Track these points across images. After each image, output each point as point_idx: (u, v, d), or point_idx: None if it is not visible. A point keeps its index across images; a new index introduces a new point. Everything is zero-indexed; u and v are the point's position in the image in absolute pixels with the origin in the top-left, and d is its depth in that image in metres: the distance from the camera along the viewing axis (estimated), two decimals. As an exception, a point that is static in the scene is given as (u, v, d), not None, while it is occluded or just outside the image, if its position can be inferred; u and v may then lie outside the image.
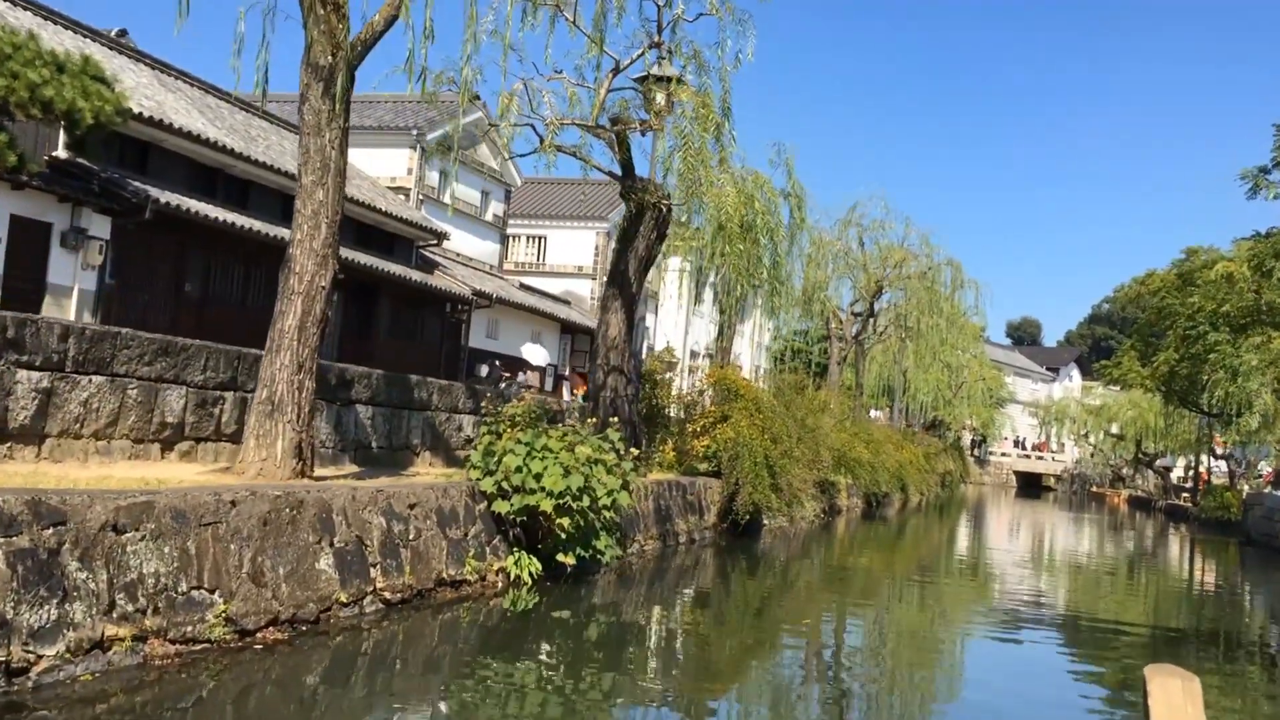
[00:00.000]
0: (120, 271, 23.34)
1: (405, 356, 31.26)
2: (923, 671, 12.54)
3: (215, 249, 25.79)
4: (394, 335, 32.24)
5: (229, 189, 26.96)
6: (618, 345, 17.44)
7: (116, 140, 23.75)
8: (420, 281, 31.61)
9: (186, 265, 25.16)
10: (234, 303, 26.59)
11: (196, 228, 24.21)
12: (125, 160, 24.09)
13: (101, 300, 22.90)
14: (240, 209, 26.49)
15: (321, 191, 11.54)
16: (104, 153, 23.29)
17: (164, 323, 23.42)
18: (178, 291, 24.96)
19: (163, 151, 24.68)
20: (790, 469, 21.17)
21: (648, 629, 13.11)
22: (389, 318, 32.09)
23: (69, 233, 22.16)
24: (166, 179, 24.73)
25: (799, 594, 17.75)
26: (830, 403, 29.87)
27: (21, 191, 21.71)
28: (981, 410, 60.29)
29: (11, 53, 21.06)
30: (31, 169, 21.64)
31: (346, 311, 31.02)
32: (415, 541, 11.40)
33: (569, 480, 12.80)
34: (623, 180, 16.74)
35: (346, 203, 29.82)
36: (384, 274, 29.82)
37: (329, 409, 14.35)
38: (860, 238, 38.00)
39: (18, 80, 20.64)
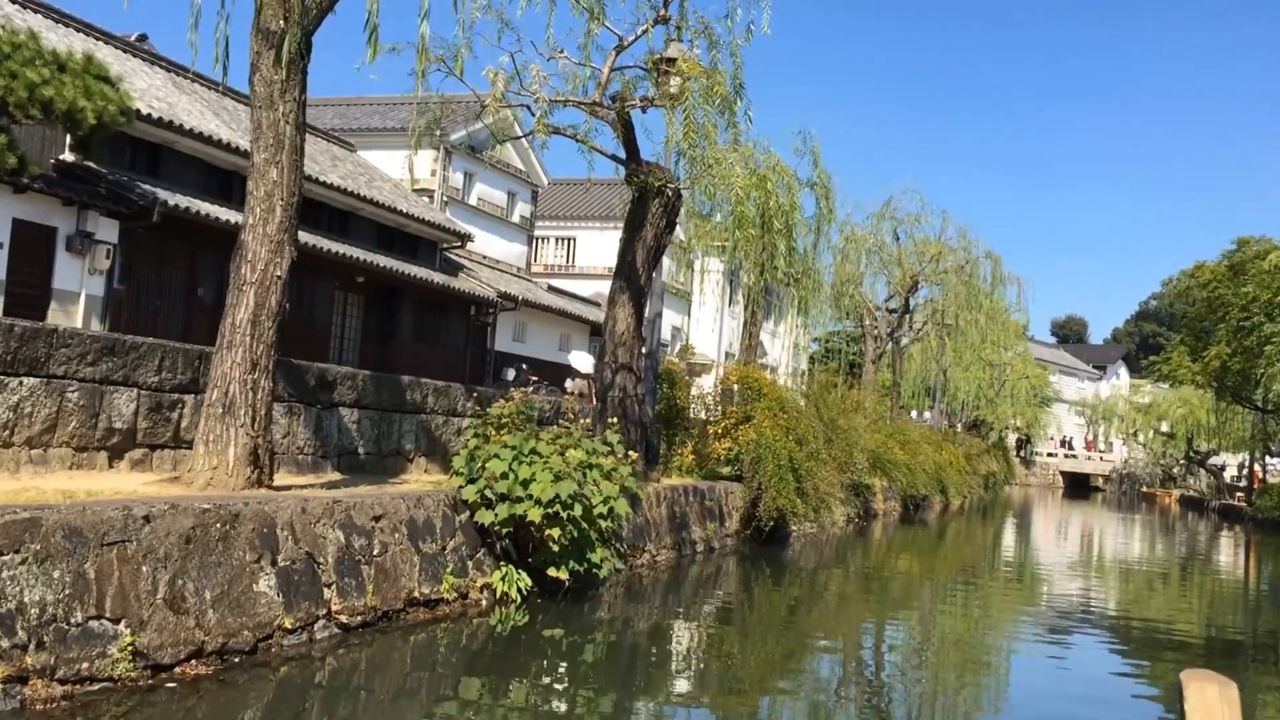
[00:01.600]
0: (130, 276, 22.35)
1: (429, 361, 30.07)
2: (967, 681, 11.45)
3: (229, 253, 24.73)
4: (417, 339, 31.09)
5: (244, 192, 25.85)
6: (626, 341, 16.05)
7: (127, 143, 22.81)
8: (442, 284, 30.45)
9: (200, 270, 24.14)
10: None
11: (210, 231, 23.19)
12: (136, 163, 23.14)
13: (110, 306, 21.91)
14: (256, 212, 25.44)
15: (275, 171, 10.29)
16: (114, 156, 22.34)
17: (176, 329, 22.41)
18: (190, 296, 23.94)
19: (175, 154, 23.69)
20: (817, 472, 19.66)
21: (653, 647, 11.73)
22: (412, 322, 30.95)
23: (75, 237, 21.18)
24: (180, 182, 23.74)
25: (828, 604, 16.29)
26: (864, 402, 28.29)
27: (24, 195, 20.76)
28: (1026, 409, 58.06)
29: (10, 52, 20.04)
30: (33, 171, 20.67)
31: (367, 315, 29.94)
32: (380, 557, 10.09)
33: (559, 487, 11.44)
34: (627, 164, 15.36)
35: (369, 205, 29.13)
36: (405, 277, 28.69)
37: (307, 412, 13.10)
38: (895, 231, 36.33)
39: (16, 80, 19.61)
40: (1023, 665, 12.71)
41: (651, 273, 16.37)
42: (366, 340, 29.77)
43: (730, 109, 14.93)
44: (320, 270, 26.94)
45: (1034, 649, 13.84)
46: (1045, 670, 12.47)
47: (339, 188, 27.86)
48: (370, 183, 30.64)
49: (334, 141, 32.60)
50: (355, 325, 29.83)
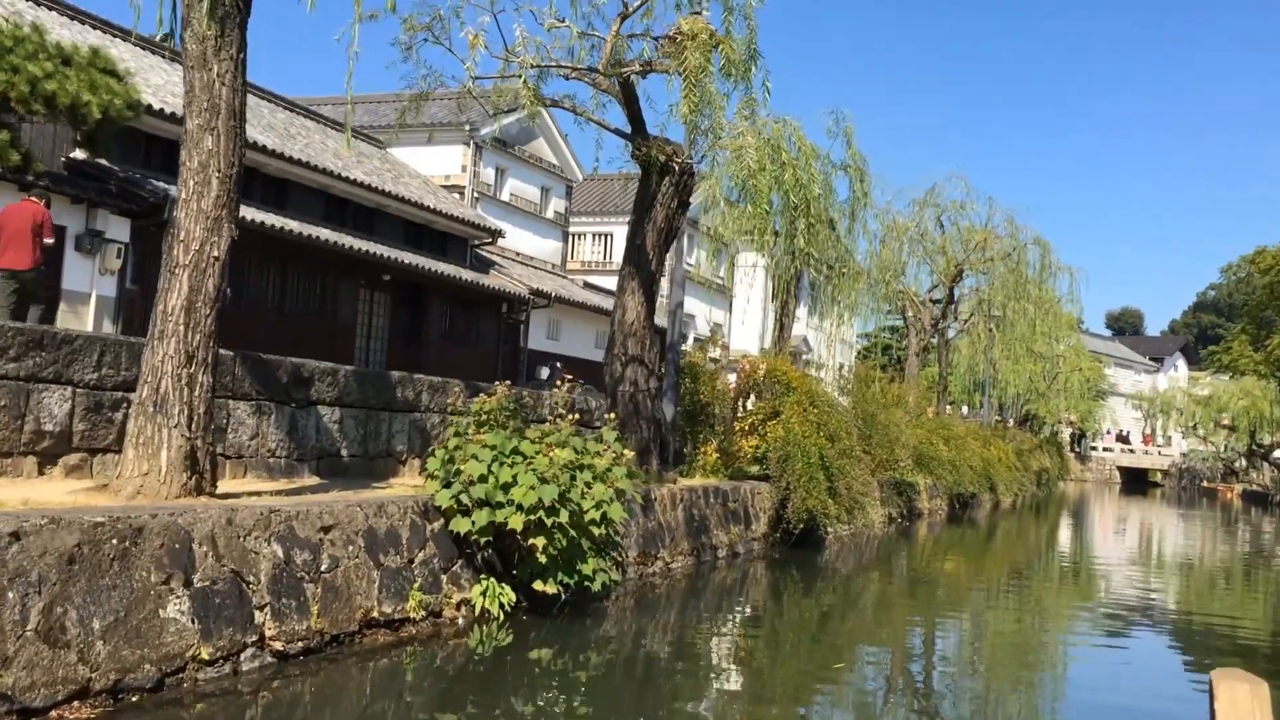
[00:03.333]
0: (143, 276, 21.28)
1: (459, 360, 28.83)
2: (1021, 688, 10.59)
3: (248, 251, 23.69)
4: (447, 338, 29.88)
5: (265, 189, 24.88)
6: (636, 332, 14.56)
7: (141, 139, 21.82)
8: (472, 281, 29.18)
9: (216, 268, 23.06)
10: (270, 307, 24.48)
11: (225, 229, 22.07)
12: (151, 160, 22.13)
13: (123, 307, 20.88)
14: (277, 209, 24.39)
15: (210, 138, 8.95)
16: (128, 153, 21.34)
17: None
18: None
19: (191, 151, 22.63)
20: (850, 470, 18.02)
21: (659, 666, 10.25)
22: (441, 320, 29.74)
23: (84, 236, 20.16)
24: (195, 179, 22.63)
25: (865, 611, 14.73)
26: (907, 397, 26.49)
27: (29, 193, 19.79)
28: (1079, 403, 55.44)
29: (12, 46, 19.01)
30: (39, 168, 19.68)
31: (395, 314, 28.79)
32: (329, 574, 8.70)
33: (541, 491, 10.00)
34: (632, 138, 13.86)
35: (394, 201, 27.90)
36: (432, 274, 27.47)
37: (279, 411, 11.79)
38: (939, 219, 34.34)
39: (18, 74, 18.54)
40: (1080, 669, 11.69)
41: (663, 256, 14.88)
42: (394, 339, 28.61)
43: (745, 77, 13.40)
44: (344, 268, 25.82)
45: (1092, 652, 12.70)
46: (1104, 674, 11.41)
47: (363, 184, 26.72)
48: (397, 179, 29.48)
49: (362, 138, 31.51)
50: (382, 324, 28.68)
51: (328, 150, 27.87)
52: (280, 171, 24.79)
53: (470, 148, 32.44)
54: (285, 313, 24.89)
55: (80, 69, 19.47)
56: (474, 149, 32.50)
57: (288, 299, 25.03)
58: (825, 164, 21.33)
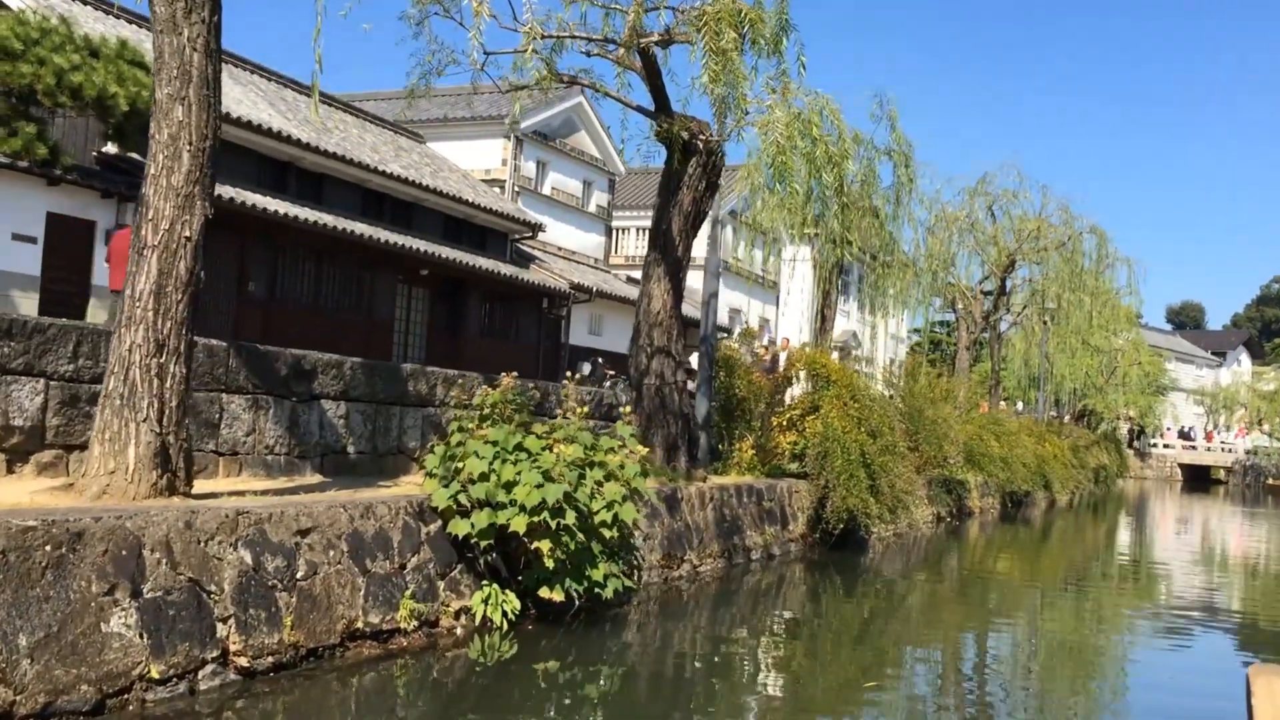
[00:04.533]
0: (103, 257, 20.82)
1: (498, 355, 28.01)
2: (1079, 694, 9.89)
3: (282, 246, 23.12)
4: (486, 334, 29.15)
5: (302, 183, 24.30)
6: (662, 321, 13.60)
7: (174, 134, 21.26)
8: (510, 275, 28.43)
9: (249, 263, 22.51)
10: (304, 303, 23.88)
11: (259, 223, 21.54)
12: (184, 155, 21.51)
13: (154, 303, 20.28)
14: (314, 203, 23.79)
15: (181, 109, 8.16)
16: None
17: (225, 326, 20.77)
18: (240, 292, 22.31)
19: (225, 144, 21.80)
20: (893, 467, 16.91)
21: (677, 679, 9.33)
22: (480, 315, 29.02)
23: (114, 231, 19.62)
24: (230, 173, 22.08)
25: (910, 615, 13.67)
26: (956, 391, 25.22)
27: (58, 187, 19.33)
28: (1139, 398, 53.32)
29: (39, 38, 18.50)
30: (66, 162, 19.21)
31: (433, 309, 28.11)
32: (306, 581, 7.87)
33: (546, 490, 9.10)
34: (655, 115, 12.90)
35: (433, 195, 27.16)
36: (470, 268, 26.74)
37: (278, 406, 11.01)
38: (990, 208, 32.88)
39: (44, 66, 18.03)
40: (1141, 671, 11.10)
41: (690, 242, 13.91)
42: (433, 335, 27.94)
43: (776, 49, 12.39)
44: (381, 263, 25.18)
45: (1153, 656, 11.94)
46: (1166, 679, 10.64)
47: (400, 177, 26.06)
48: (436, 173, 28.79)
49: (401, 133, 30.91)
50: (420, 319, 28.03)
51: (365, 144, 27.27)
52: (316, 165, 24.21)
53: (511, 141, 31.68)
54: (320, 308, 24.28)
55: (108, 61, 18.93)
56: (515, 142, 31.73)
57: (323, 294, 24.43)
58: (869, 149, 20.28)
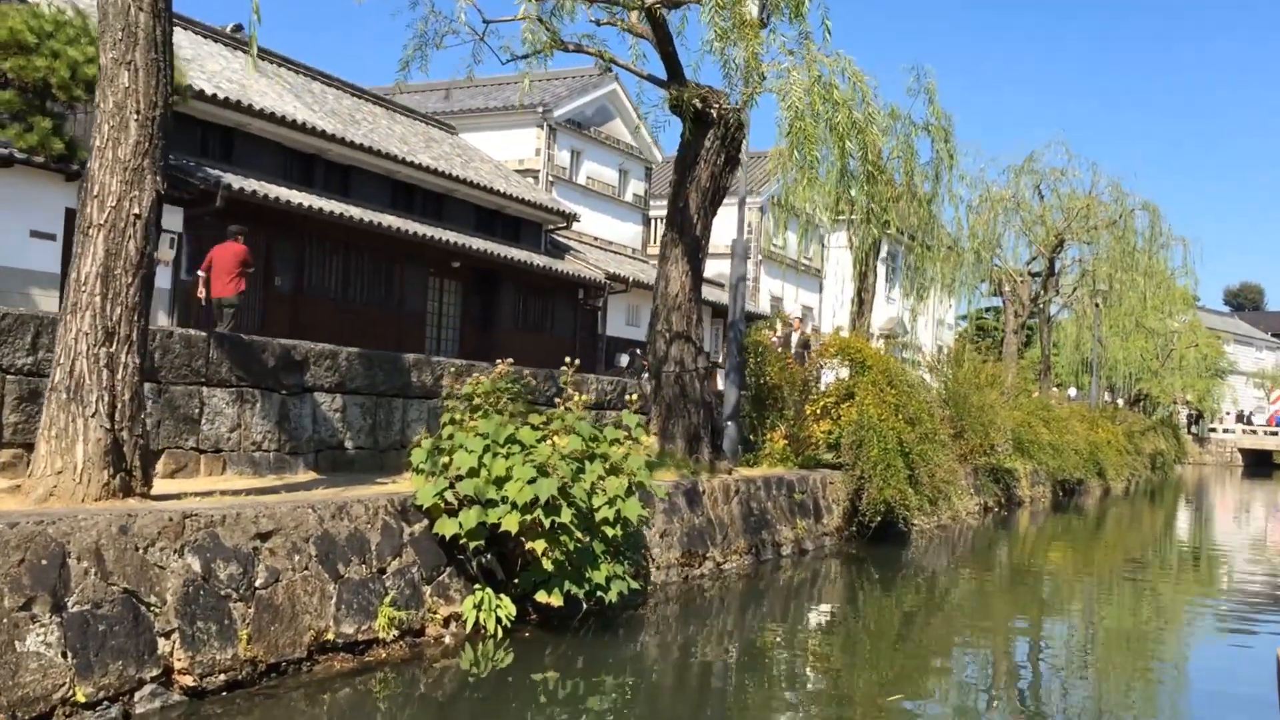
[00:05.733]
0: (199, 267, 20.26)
1: (533, 347, 27.22)
2: (1136, 689, 9.32)
3: (308, 239, 22.47)
4: (521, 326, 28.34)
5: (328, 175, 23.69)
6: (681, 305, 12.66)
7: (197, 126, 20.72)
8: (545, 266, 27.60)
9: (276, 258, 21.89)
10: (332, 296, 23.23)
11: (285, 216, 20.90)
12: (208, 148, 21.04)
13: (178, 300, 19.80)
14: (341, 196, 23.15)
15: (127, 74, 7.38)
16: (183, 140, 20.22)
17: (252, 321, 20.17)
18: (267, 286, 21.70)
19: (249, 137, 21.52)
20: (934, 456, 15.83)
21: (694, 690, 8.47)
22: (514, 307, 28.22)
23: (203, 244, 19.11)
24: (254, 166, 21.52)
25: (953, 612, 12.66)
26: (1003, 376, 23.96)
27: (75, 182, 18.83)
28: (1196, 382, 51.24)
29: (53, 31, 17.99)
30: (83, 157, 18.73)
31: (466, 302, 27.36)
32: (267, 590, 7.07)
33: (538, 486, 8.23)
34: (668, 84, 11.93)
35: (463, 186, 26.41)
36: (503, 260, 25.97)
37: (266, 399, 10.25)
38: (1037, 187, 31.42)
39: (58, 59, 17.51)
40: (1203, 665, 10.38)
41: (710, 220, 12.93)
42: (466, 327, 27.20)
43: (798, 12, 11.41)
44: (411, 256, 24.48)
45: (1216, 648, 11.22)
46: (1229, 670, 10.11)
47: (430, 168, 25.34)
48: (467, 163, 28.05)
49: (434, 124, 30.22)
50: (454, 312, 27.29)
51: (394, 135, 26.59)
52: (342, 157, 23.58)
53: (544, 130, 30.87)
54: (349, 303, 23.63)
55: (125, 54, 18.39)
56: (548, 131, 30.91)
57: (352, 288, 23.78)
58: (905, 125, 19.18)
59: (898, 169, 18.65)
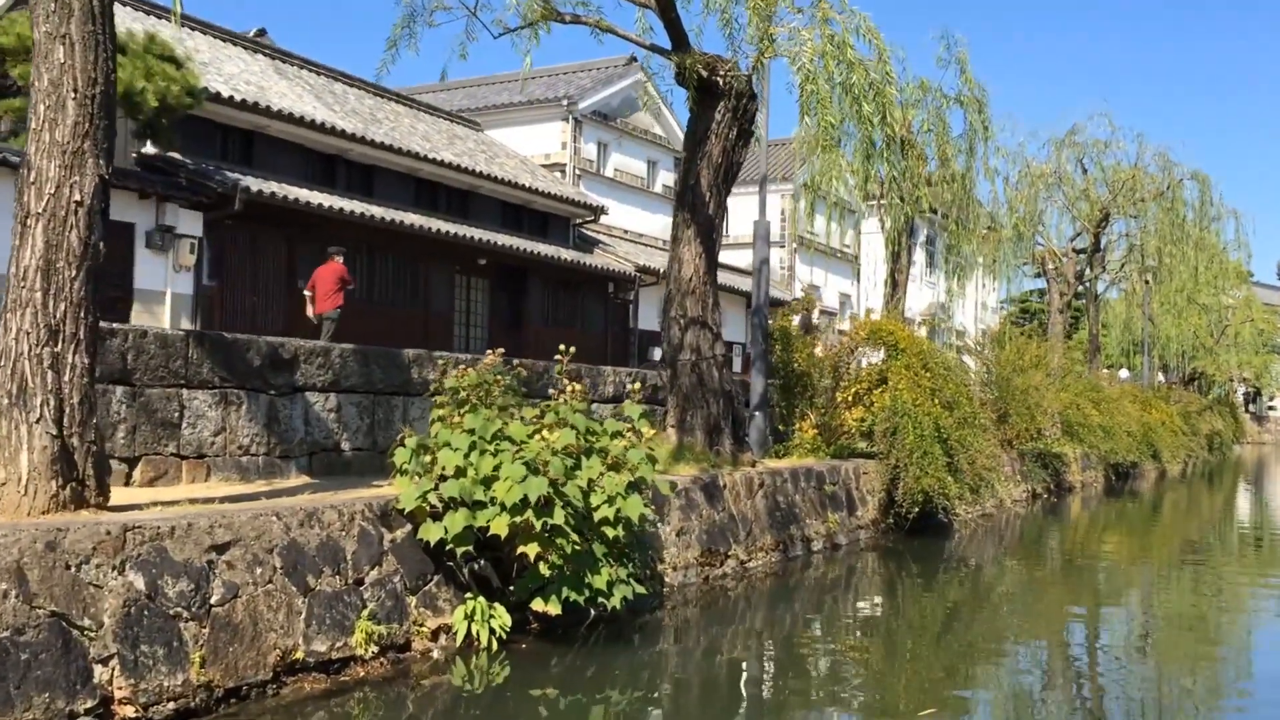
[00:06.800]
0: (221, 272, 19.76)
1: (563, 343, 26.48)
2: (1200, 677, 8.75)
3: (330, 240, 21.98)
4: (550, 322, 27.65)
5: (350, 176, 23.19)
6: (695, 289, 11.85)
7: (217, 130, 20.29)
8: (573, 261, 26.90)
9: (298, 260, 21.38)
10: (358, 298, 22.60)
11: (306, 218, 20.40)
12: (228, 152, 20.58)
13: (200, 305, 19.36)
14: (364, 196, 22.63)
15: (62, 49, 6.74)
16: (203, 145, 19.81)
17: (276, 325, 19.72)
18: (290, 290, 21.20)
19: (269, 140, 21.03)
20: (974, 441, 14.87)
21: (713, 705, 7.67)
22: (543, 304, 27.54)
23: (154, 232, 18.66)
24: (275, 169, 21.04)
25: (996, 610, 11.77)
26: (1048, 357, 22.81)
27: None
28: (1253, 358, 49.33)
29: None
30: (98, 163, 18.38)
31: (494, 300, 26.70)
32: (224, 607, 6.38)
33: (528, 485, 7.48)
34: (674, 54, 11.11)
35: (488, 182, 25.74)
36: (530, 255, 25.31)
37: (252, 401, 9.61)
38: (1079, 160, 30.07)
39: (69, 66, 17.24)
40: (1270, 651, 9.77)
41: (723, 198, 12.10)
42: (494, 325, 26.55)
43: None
44: (436, 254, 23.87)
45: None
46: None
47: (453, 165, 24.73)
48: (492, 159, 27.41)
49: (458, 121, 29.64)
50: (481, 310, 26.64)
51: (416, 133, 26.02)
52: (364, 157, 23.04)
53: (569, 123, 30.16)
54: (374, 303, 23.09)
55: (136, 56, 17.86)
56: (573, 124, 30.20)
57: (377, 289, 23.25)
58: (936, 96, 18.21)
59: (929, 143, 17.72)
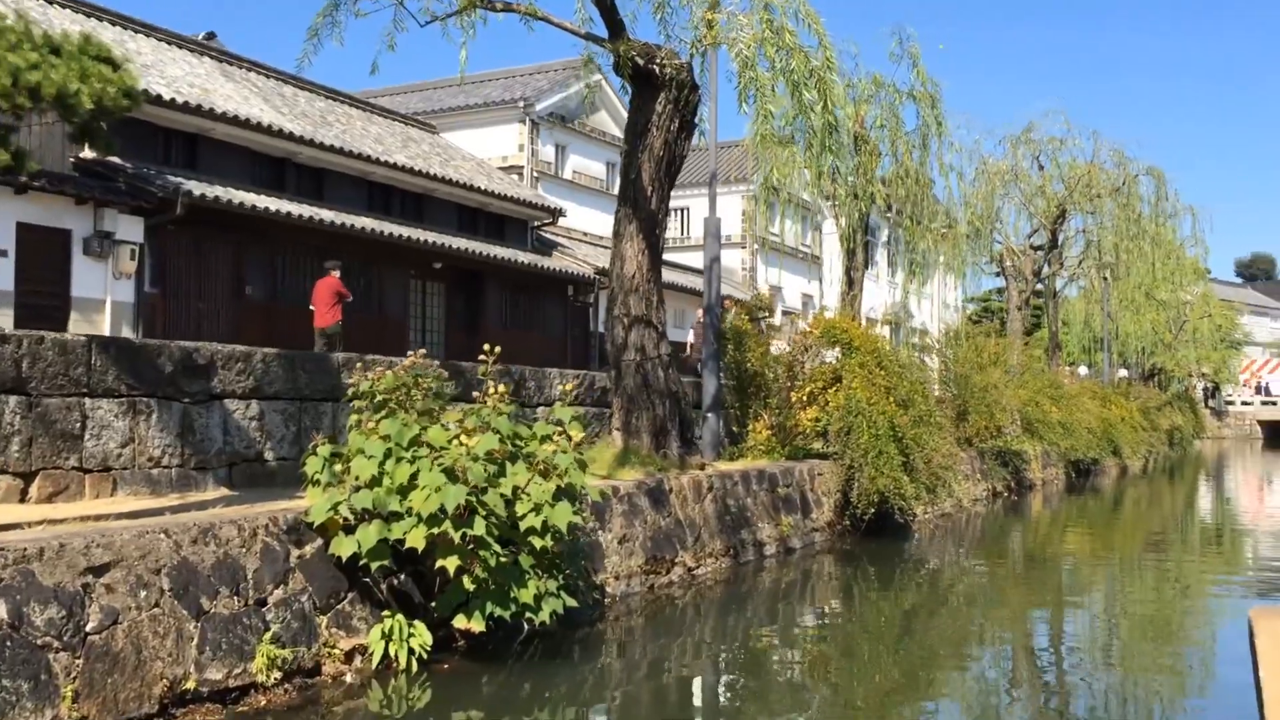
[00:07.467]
0: (164, 279, 19.03)
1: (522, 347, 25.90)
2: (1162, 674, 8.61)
3: (280, 245, 21.25)
4: (508, 325, 27.04)
5: (300, 179, 22.50)
6: (639, 287, 11.33)
7: (158, 134, 19.58)
8: (530, 263, 26.35)
9: (247, 266, 20.70)
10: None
11: (254, 223, 19.72)
12: (172, 156, 19.87)
13: (142, 313, 18.61)
14: (315, 200, 21.96)
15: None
16: (145, 149, 19.08)
17: (224, 332, 19.01)
18: (237, 296, 20.51)
19: (213, 143, 20.32)
20: (929, 440, 14.45)
21: None
22: (501, 307, 26.94)
23: (93, 238, 17.93)
24: (221, 173, 20.33)
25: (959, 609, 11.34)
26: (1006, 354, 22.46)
27: (27, 195, 17.69)
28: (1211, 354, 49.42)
29: (-8, 37, 16.98)
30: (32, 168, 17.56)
31: (450, 304, 26.10)
32: (101, 634, 5.79)
33: (445, 494, 6.93)
34: (611, 43, 10.60)
35: (443, 185, 25.06)
36: (486, 259, 24.74)
37: (164, 409, 9.00)
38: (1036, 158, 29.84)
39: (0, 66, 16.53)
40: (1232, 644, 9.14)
41: (666, 192, 11.60)
42: (451, 330, 25.93)
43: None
44: (390, 258, 23.22)
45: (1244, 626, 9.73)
46: None
47: (406, 168, 24.13)
48: (447, 162, 26.81)
49: (413, 124, 29.01)
50: (438, 315, 26.02)
51: (369, 136, 25.37)
52: (314, 160, 22.38)
53: (526, 125, 29.61)
54: (326, 309, 22.47)
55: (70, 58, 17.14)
56: (530, 126, 29.65)
57: (328, 294, 22.60)
58: (890, 92, 17.82)
59: (883, 139, 17.32)
